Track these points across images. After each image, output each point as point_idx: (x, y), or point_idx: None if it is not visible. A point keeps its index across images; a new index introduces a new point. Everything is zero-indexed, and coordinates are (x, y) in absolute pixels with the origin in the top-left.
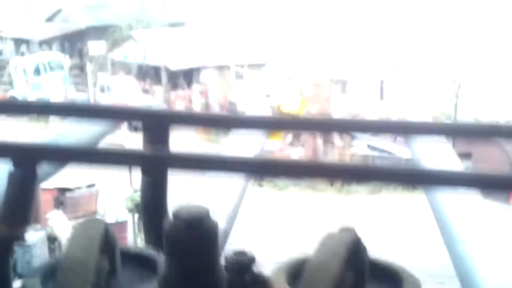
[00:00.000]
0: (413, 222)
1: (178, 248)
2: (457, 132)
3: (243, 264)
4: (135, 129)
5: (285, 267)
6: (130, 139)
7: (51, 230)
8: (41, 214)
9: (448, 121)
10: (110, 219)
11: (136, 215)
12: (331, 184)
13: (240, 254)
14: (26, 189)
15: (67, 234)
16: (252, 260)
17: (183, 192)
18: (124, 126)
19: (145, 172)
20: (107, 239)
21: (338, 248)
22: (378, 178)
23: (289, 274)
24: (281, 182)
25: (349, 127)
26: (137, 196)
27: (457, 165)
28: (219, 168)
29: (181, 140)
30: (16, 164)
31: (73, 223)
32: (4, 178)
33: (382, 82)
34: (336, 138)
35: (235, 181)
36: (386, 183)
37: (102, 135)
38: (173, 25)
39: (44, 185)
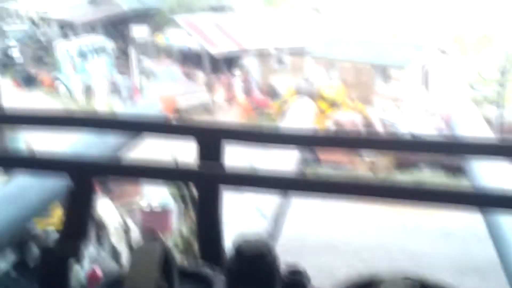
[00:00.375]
0: (457, 214)
1: (239, 284)
2: None
3: (298, 283)
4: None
5: None
6: None
7: (99, 218)
8: None
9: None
10: (154, 206)
11: (182, 203)
12: (373, 172)
13: (295, 273)
14: (84, 204)
15: (113, 219)
16: (307, 279)
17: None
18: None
19: (199, 189)
20: (166, 261)
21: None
22: (433, 199)
23: None
24: (321, 170)
25: (397, 146)
26: (182, 184)
27: None
28: (274, 186)
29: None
30: (74, 180)
31: (119, 209)
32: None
33: (425, 69)
34: (377, 125)
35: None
36: (441, 206)
37: (124, 145)
38: (215, 9)
39: None
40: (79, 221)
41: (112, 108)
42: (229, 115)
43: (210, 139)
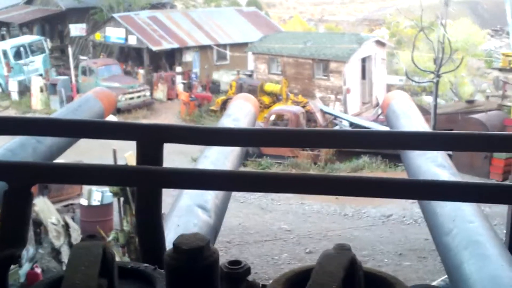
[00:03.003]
0: (394, 200)
1: (179, 279)
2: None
3: (237, 274)
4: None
5: (283, 280)
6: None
7: (36, 216)
8: None
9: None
10: (94, 202)
11: (122, 199)
12: (314, 163)
13: (235, 264)
14: (22, 210)
15: (51, 218)
16: (246, 270)
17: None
18: None
19: (139, 190)
20: (105, 258)
21: (336, 269)
22: (370, 191)
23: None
24: (265, 161)
25: (339, 141)
26: None
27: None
28: (212, 186)
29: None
30: (10, 185)
31: (57, 206)
32: None
33: (364, 60)
34: (319, 116)
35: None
36: (377, 196)
37: (62, 147)
38: (155, 6)
39: None
40: (16, 226)
41: (49, 107)
42: (170, 112)
43: (151, 140)
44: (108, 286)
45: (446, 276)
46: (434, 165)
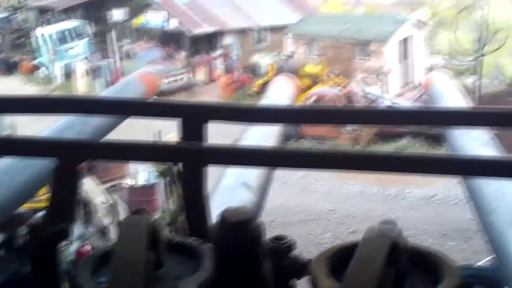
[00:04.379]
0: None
1: (225, 251)
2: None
3: (282, 250)
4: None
5: (327, 255)
6: None
7: (85, 195)
8: None
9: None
10: (140, 182)
11: (167, 178)
12: (356, 144)
13: (279, 239)
14: (71, 187)
15: (99, 197)
16: (291, 245)
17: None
18: None
19: (185, 168)
20: (154, 232)
21: (381, 244)
22: (414, 167)
23: (331, 263)
24: (305, 143)
25: (379, 119)
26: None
27: (496, 152)
28: (257, 162)
29: None
30: (60, 162)
31: (104, 187)
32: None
33: (404, 41)
34: (359, 99)
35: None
36: (421, 174)
37: (108, 127)
38: None
39: None
40: (66, 202)
41: (93, 90)
42: (211, 95)
43: (195, 119)
44: (156, 259)
45: (492, 256)
46: (479, 144)
